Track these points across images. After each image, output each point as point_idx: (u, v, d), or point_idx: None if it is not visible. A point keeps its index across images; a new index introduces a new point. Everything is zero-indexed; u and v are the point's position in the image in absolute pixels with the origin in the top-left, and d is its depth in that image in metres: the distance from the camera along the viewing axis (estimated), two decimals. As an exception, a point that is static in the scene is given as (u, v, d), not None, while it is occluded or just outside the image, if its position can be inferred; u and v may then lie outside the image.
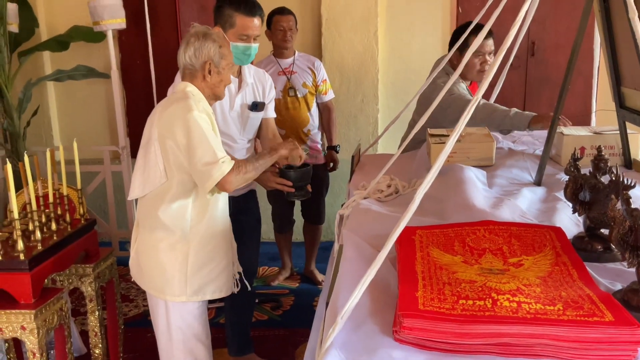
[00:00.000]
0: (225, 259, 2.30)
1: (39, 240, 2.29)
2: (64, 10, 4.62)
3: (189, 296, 2.22)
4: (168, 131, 2.09)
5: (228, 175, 2.06)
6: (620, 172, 1.40)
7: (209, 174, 2.05)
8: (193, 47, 2.14)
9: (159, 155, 2.12)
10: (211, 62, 2.14)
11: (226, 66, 2.19)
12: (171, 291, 2.21)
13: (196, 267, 2.21)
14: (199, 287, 2.23)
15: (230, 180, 2.08)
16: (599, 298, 1.16)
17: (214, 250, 2.25)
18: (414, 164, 2.61)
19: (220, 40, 2.17)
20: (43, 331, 2.19)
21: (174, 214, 2.16)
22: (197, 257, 2.20)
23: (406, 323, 1.10)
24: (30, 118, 4.26)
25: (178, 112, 2.08)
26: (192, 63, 2.15)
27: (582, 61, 3.51)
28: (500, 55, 1.56)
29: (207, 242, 2.22)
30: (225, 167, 2.05)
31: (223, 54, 2.16)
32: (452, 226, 1.61)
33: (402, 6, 4.48)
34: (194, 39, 2.14)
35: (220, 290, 2.31)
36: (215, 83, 2.19)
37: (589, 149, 2.38)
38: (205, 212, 2.20)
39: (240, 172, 2.11)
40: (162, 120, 2.12)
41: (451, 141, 1.36)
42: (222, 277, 2.30)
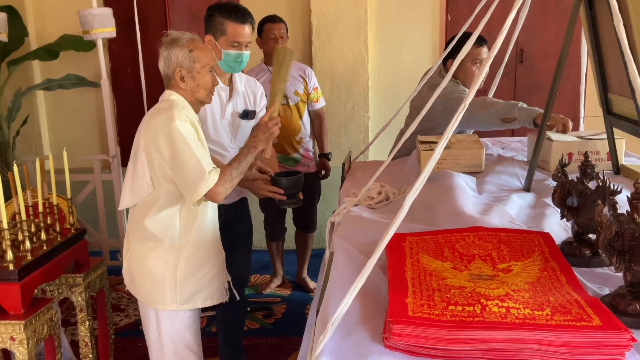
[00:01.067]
0: (215, 267, 2.30)
1: (29, 250, 2.28)
2: (53, 19, 4.62)
3: (179, 304, 2.21)
4: (152, 142, 2.09)
5: (215, 186, 2.05)
6: (607, 178, 1.41)
7: (195, 187, 2.04)
8: (163, 57, 2.15)
9: (145, 165, 2.12)
10: (181, 69, 2.13)
11: (201, 69, 2.14)
12: (162, 300, 2.20)
13: (186, 275, 2.20)
14: (189, 295, 2.22)
15: (219, 191, 2.08)
16: (587, 303, 1.17)
17: (203, 258, 2.24)
18: (404, 171, 2.62)
19: (190, 44, 2.14)
20: (33, 342, 2.18)
21: (162, 224, 2.16)
22: (187, 265, 2.20)
23: (396, 329, 1.10)
24: (20, 127, 4.25)
25: (161, 123, 2.07)
26: (166, 72, 2.16)
27: (571, 67, 3.54)
28: (488, 62, 1.58)
29: (196, 250, 2.21)
30: (212, 178, 2.04)
31: (195, 57, 2.13)
32: (442, 232, 1.61)
33: (391, 14, 4.51)
34: (163, 48, 2.15)
35: (211, 298, 2.30)
36: (193, 88, 2.16)
37: (576, 155, 2.39)
38: (194, 220, 2.19)
39: (226, 181, 2.10)
40: (147, 131, 2.12)
41: (439, 148, 1.37)
42: (212, 284, 2.29)
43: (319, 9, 4.38)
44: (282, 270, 4.20)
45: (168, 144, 2.04)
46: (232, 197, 2.72)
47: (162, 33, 2.21)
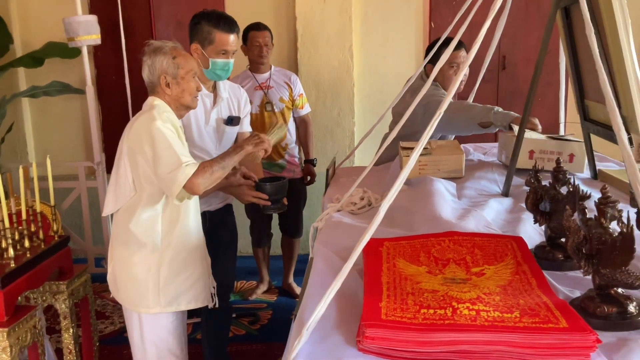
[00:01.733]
0: (199, 269, 2.30)
1: (12, 258, 2.28)
2: (38, 27, 4.61)
3: (163, 307, 2.21)
4: (136, 144, 2.12)
5: (194, 177, 2.05)
6: (577, 183, 1.45)
7: (173, 179, 2.04)
8: (147, 65, 2.19)
9: (127, 169, 2.15)
10: (166, 75, 2.17)
11: (186, 75, 2.19)
12: (145, 303, 2.21)
13: (169, 277, 2.21)
14: (173, 297, 2.23)
15: (197, 182, 2.07)
16: (555, 305, 1.20)
17: (187, 260, 2.25)
18: (387, 177, 2.64)
19: (173, 52, 2.19)
20: (16, 349, 2.18)
21: (144, 227, 2.17)
22: (170, 267, 2.21)
23: (369, 333, 1.13)
24: (5, 134, 4.24)
25: (143, 124, 2.11)
26: (151, 80, 2.20)
27: (552, 74, 3.59)
28: (465, 66, 1.62)
29: (179, 252, 2.22)
30: (189, 169, 2.05)
31: (178, 63, 2.17)
32: (419, 237, 1.64)
33: (376, 22, 4.56)
34: (147, 57, 2.19)
35: (196, 300, 2.31)
36: (178, 94, 2.20)
37: (537, 153, 2.44)
38: (176, 222, 2.20)
39: (206, 172, 2.09)
40: (130, 134, 2.15)
41: (415, 153, 1.40)
42: (197, 286, 2.30)
43: (304, 16, 4.41)
44: (268, 276, 4.21)
45: (149, 143, 2.07)
46: (217, 204, 2.73)
47: (144, 43, 2.25)
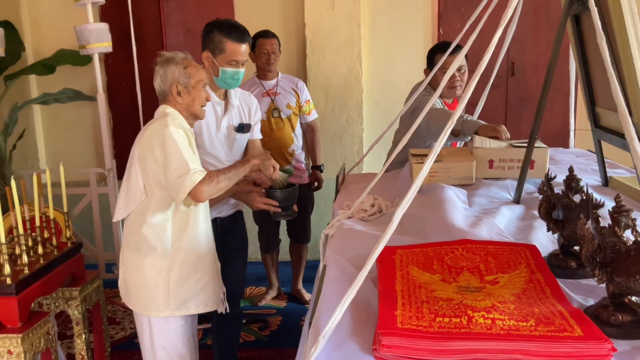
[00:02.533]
0: (209, 273, 2.33)
1: (26, 264, 2.31)
2: (50, 34, 4.66)
3: (172, 310, 2.24)
4: (148, 150, 2.16)
5: (199, 184, 2.10)
6: (591, 192, 1.45)
7: (181, 185, 2.09)
8: (159, 75, 2.25)
9: (139, 174, 2.19)
10: (178, 84, 2.23)
11: (196, 84, 2.25)
12: (155, 306, 2.24)
13: (179, 281, 2.24)
14: (182, 301, 2.25)
15: (202, 190, 2.11)
16: (570, 314, 1.20)
17: (196, 264, 2.28)
18: (397, 184, 2.65)
19: (184, 62, 2.25)
20: (30, 355, 2.20)
21: (154, 231, 2.21)
22: (180, 271, 2.24)
23: (385, 341, 1.14)
24: (17, 141, 4.27)
25: (155, 130, 2.17)
26: (163, 89, 2.26)
27: (562, 80, 3.59)
28: (477, 75, 1.63)
29: (188, 256, 2.25)
30: (196, 177, 2.10)
31: (189, 73, 2.24)
32: (431, 245, 1.65)
33: (384, 29, 4.58)
34: (159, 67, 2.26)
35: (205, 305, 2.33)
36: (189, 103, 2.26)
37: (497, 162, 2.49)
38: (185, 227, 2.24)
39: (212, 182, 2.14)
40: (142, 141, 2.20)
41: (429, 161, 1.41)
42: (206, 291, 2.32)
43: (313, 23, 4.44)
44: (278, 282, 4.22)
45: (161, 148, 2.12)
46: (228, 210, 2.75)
47: (156, 54, 2.31)
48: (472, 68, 3.40)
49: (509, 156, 2.48)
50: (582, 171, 2.62)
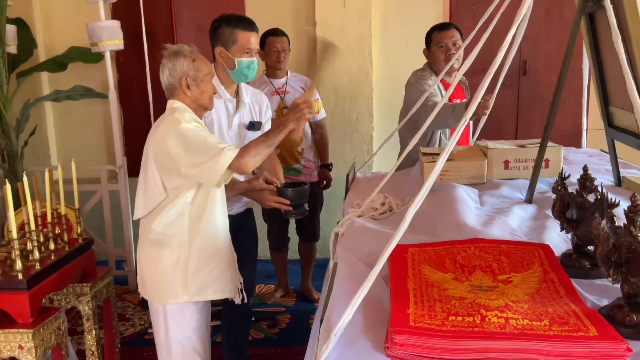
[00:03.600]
0: (225, 261, 2.34)
1: (37, 260, 2.32)
2: (62, 32, 4.68)
3: (190, 296, 2.25)
4: (162, 149, 2.16)
5: (239, 157, 2.10)
6: (605, 191, 1.44)
7: (214, 164, 2.08)
8: (167, 68, 2.24)
9: (156, 173, 2.19)
10: (187, 77, 2.23)
11: (204, 77, 2.25)
12: (174, 294, 2.25)
13: (197, 268, 2.25)
14: (200, 287, 2.27)
15: (245, 161, 2.11)
16: (585, 314, 1.19)
17: (213, 252, 2.29)
18: (408, 182, 2.64)
19: (192, 55, 2.25)
20: (41, 350, 2.21)
21: (171, 224, 2.22)
22: (198, 259, 2.25)
23: (397, 339, 1.13)
24: (28, 138, 4.29)
25: (167, 129, 2.16)
26: (171, 82, 2.25)
27: (574, 79, 3.57)
28: (490, 74, 1.62)
29: (206, 244, 2.26)
30: (231, 152, 2.09)
31: (197, 66, 2.24)
32: (444, 244, 1.64)
33: (395, 27, 4.56)
34: (167, 60, 2.24)
35: (222, 291, 2.34)
36: (197, 95, 2.26)
37: (512, 162, 2.47)
38: (202, 216, 2.24)
39: (251, 151, 2.14)
40: (155, 139, 2.20)
41: (441, 160, 1.40)
42: (223, 277, 2.33)
43: (324, 21, 4.43)
44: (287, 280, 4.22)
45: (179, 143, 2.12)
46: (239, 208, 2.75)
47: (162, 47, 2.30)
48: (484, 67, 3.40)
49: (525, 156, 2.46)
50: (595, 171, 2.59)
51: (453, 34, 3.18)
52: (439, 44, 3.17)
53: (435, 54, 3.20)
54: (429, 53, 3.27)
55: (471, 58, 1.86)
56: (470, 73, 3.10)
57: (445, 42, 3.15)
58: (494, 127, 4.14)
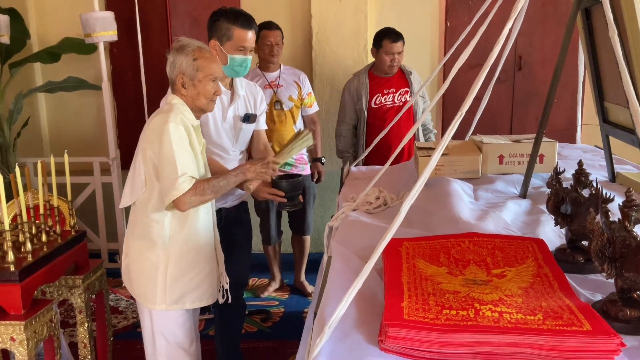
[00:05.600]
0: (206, 269, 2.31)
1: (30, 252, 2.30)
2: (55, 22, 4.65)
3: (168, 305, 2.23)
4: (149, 143, 2.15)
5: (184, 195, 2.08)
6: (600, 186, 1.44)
7: (167, 191, 2.09)
8: (169, 62, 2.21)
9: (141, 165, 2.18)
10: (183, 76, 2.17)
11: (203, 78, 2.18)
12: (153, 299, 2.24)
13: (176, 276, 2.22)
14: (178, 296, 2.24)
15: (185, 201, 2.10)
16: (578, 308, 1.19)
17: (194, 260, 2.26)
18: (402, 177, 2.64)
19: (195, 53, 2.18)
20: (33, 342, 2.20)
21: (154, 224, 2.20)
22: (177, 266, 2.22)
23: (391, 332, 1.13)
24: (21, 129, 4.27)
25: (157, 124, 2.14)
26: (170, 77, 2.22)
27: (570, 74, 3.57)
28: (486, 69, 1.61)
29: (186, 252, 2.24)
30: (183, 187, 2.07)
31: (198, 66, 2.17)
32: (438, 238, 1.64)
33: (391, 21, 4.53)
34: (171, 53, 2.21)
35: (200, 300, 2.32)
36: (193, 96, 2.20)
37: (507, 157, 2.46)
38: (184, 222, 2.22)
39: (196, 194, 2.11)
40: (145, 132, 2.18)
41: (437, 154, 1.40)
42: (202, 286, 2.30)
43: (319, 15, 4.41)
44: (280, 273, 4.22)
45: (160, 144, 2.10)
46: (233, 201, 2.74)
47: (174, 39, 2.27)
48: (479, 62, 3.40)
49: (519, 151, 2.45)
50: (589, 167, 2.57)
51: (400, 45, 3.76)
52: (388, 51, 3.74)
53: (382, 58, 3.78)
54: (376, 53, 3.81)
55: (467, 53, 1.85)
56: (466, 68, 3.09)
57: (393, 51, 3.73)
58: (489, 122, 4.14)
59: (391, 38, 3.71)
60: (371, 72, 3.88)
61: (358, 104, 3.83)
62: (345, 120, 3.91)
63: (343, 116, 3.92)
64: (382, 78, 3.84)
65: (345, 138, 3.92)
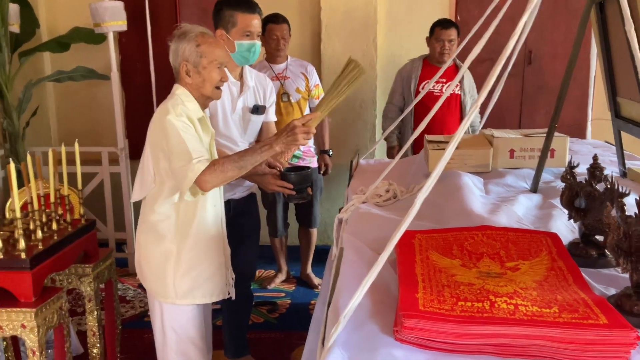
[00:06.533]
0: (214, 264, 2.29)
1: (40, 240, 2.31)
2: (65, 12, 4.65)
3: (178, 298, 2.23)
4: (154, 138, 2.13)
5: (203, 174, 2.01)
6: (615, 180, 1.43)
7: (183, 175, 2.03)
8: (172, 50, 2.15)
9: (150, 160, 2.16)
10: (187, 63, 2.12)
11: (208, 65, 2.12)
12: (163, 292, 2.23)
13: (185, 271, 2.21)
14: (187, 290, 2.23)
15: (206, 179, 2.02)
16: (594, 302, 1.19)
17: (202, 255, 2.25)
18: (411, 170, 2.64)
19: (199, 39, 2.12)
20: (43, 330, 2.21)
21: (162, 218, 2.19)
22: (186, 261, 2.21)
23: (407, 323, 1.13)
24: (30, 118, 4.27)
25: (158, 117, 2.11)
26: (174, 66, 2.17)
27: (579, 69, 3.55)
28: (501, 63, 1.60)
29: (194, 246, 2.22)
30: (199, 166, 2.01)
31: (202, 52, 2.11)
32: (451, 230, 1.64)
33: (401, 14, 4.53)
34: (173, 41, 2.14)
35: (210, 295, 2.30)
36: (198, 83, 2.14)
37: (518, 151, 2.46)
38: (193, 217, 2.20)
39: (216, 171, 2.03)
40: (151, 126, 2.16)
41: (451, 148, 1.39)
42: (211, 281, 2.29)
43: (329, 7, 4.40)
44: (286, 265, 4.23)
45: (164, 137, 2.07)
46: (242, 192, 2.75)
47: (174, 26, 2.20)
48: (490, 56, 3.40)
49: (530, 145, 2.44)
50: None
51: (451, 32, 3.83)
52: (439, 38, 3.84)
53: (433, 46, 3.90)
54: (429, 41, 3.95)
55: (479, 46, 1.84)
56: (476, 62, 3.09)
57: (443, 38, 3.83)
58: (498, 117, 4.13)
59: (442, 25, 3.84)
60: (426, 60, 4.00)
61: (407, 87, 3.96)
62: (393, 102, 4.07)
63: (391, 98, 4.09)
64: (435, 67, 3.90)
65: (390, 120, 3.97)
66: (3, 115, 4.10)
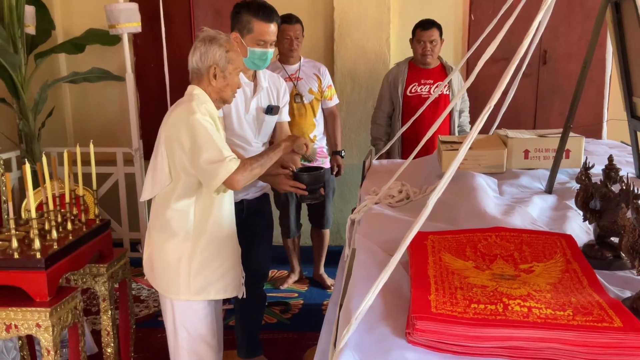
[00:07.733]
0: (230, 260, 2.33)
1: (55, 240, 2.34)
2: (80, 13, 4.70)
3: (192, 295, 2.25)
4: (174, 134, 2.14)
5: (235, 173, 2.08)
6: (631, 182, 1.42)
7: (215, 173, 2.07)
8: (199, 52, 2.20)
9: (165, 157, 2.18)
10: (217, 67, 2.19)
11: (233, 71, 2.22)
12: (176, 290, 2.25)
13: (200, 267, 2.24)
14: (202, 286, 2.26)
15: (238, 179, 2.11)
16: (608, 304, 1.18)
17: (218, 251, 2.28)
18: (424, 171, 2.62)
19: (227, 45, 2.21)
20: (58, 329, 2.23)
21: (178, 215, 2.21)
22: (202, 257, 2.24)
23: (419, 325, 1.12)
24: (45, 119, 4.32)
25: (182, 115, 2.13)
26: (199, 67, 2.21)
27: (594, 69, 3.53)
28: (514, 63, 1.59)
29: (211, 242, 2.25)
30: (232, 165, 2.08)
31: (230, 58, 2.20)
32: (464, 232, 1.63)
33: (414, 13, 4.51)
34: (201, 44, 2.20)
35: (224, 291, 2.33)
36: (221, 87, 2.23)
37: (532, 152, 2.43)
38: (209, 213, 2.23)
39: (246, 170, 2.14)
40: (168, 123, 2.18)
41: (464, 149, 1.38)
42: (226, 277, 2.32)
43: (341, 7, 4.40)
44: (299, 266, 4.23)
45: (189, 135, 2.09)
46: (255, 192, 2.75)
47: (200, 28, 2.27)
48: (504, 56, 3.38)
49: (545, 146, 2.42)
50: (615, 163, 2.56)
51: (432, 33, 3.80)
52: (419, 40, 3.82)
53: (415, 47, 3.88)
54: (412, 43, 3.94)
55: (493, 46, 1.83)
56: (489, 62, 3.07)
57: (424, 39, 3.80)
58: (513, 117, 4.10)
59: (422, 26, 3.80)
60: (412, 62, 3.96)
61: (394, 92, 3.90)
62: (381, 108, 4.00)
63: (379, 104, 4.03)
64: (422, 69, 3.89)
65: (379, 126, 3.97)
66: (19, 116, 4.15)
